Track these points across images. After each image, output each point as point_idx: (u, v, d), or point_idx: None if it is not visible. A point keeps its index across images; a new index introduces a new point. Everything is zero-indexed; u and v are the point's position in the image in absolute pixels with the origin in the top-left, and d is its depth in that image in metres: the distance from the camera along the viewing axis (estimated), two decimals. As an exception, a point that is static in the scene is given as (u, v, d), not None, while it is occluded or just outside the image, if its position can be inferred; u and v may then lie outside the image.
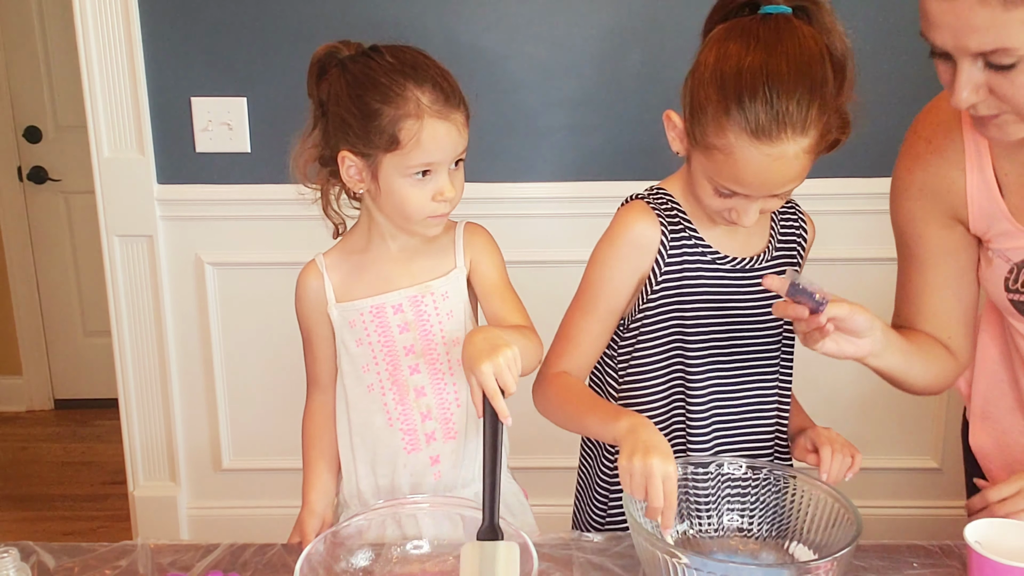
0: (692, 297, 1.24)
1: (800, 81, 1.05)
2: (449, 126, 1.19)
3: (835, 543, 1.08)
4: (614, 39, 2.19)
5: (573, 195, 2.24)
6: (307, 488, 1.35)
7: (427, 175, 1.21)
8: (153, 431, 2.46)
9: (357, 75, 1.20)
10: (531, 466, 2.33)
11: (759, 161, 1.07)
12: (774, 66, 1.05)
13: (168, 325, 2.39)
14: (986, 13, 0.92)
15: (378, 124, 1.18)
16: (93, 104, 2.23)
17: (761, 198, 1.13)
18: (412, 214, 1.23)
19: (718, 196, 1.14)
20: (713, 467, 1.20)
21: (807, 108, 1.05)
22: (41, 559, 1.18)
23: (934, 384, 1.26)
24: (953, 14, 0.95)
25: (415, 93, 1.18)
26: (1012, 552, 1.00)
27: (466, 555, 1.04)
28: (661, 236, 1.22)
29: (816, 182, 2.12)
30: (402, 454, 1.32)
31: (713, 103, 1.08)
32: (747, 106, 1.05)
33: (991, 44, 0.95)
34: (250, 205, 2.30)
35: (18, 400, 3.68)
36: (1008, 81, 0.97)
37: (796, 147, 1.06)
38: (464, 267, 1.32)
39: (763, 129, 1.05)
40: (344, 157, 1.22)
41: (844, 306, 1.06)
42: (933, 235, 1.22)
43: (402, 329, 1.30)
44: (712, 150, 1.10)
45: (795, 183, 1.11)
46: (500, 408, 1.08)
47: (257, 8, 2.19)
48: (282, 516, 1.40)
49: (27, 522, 2.87)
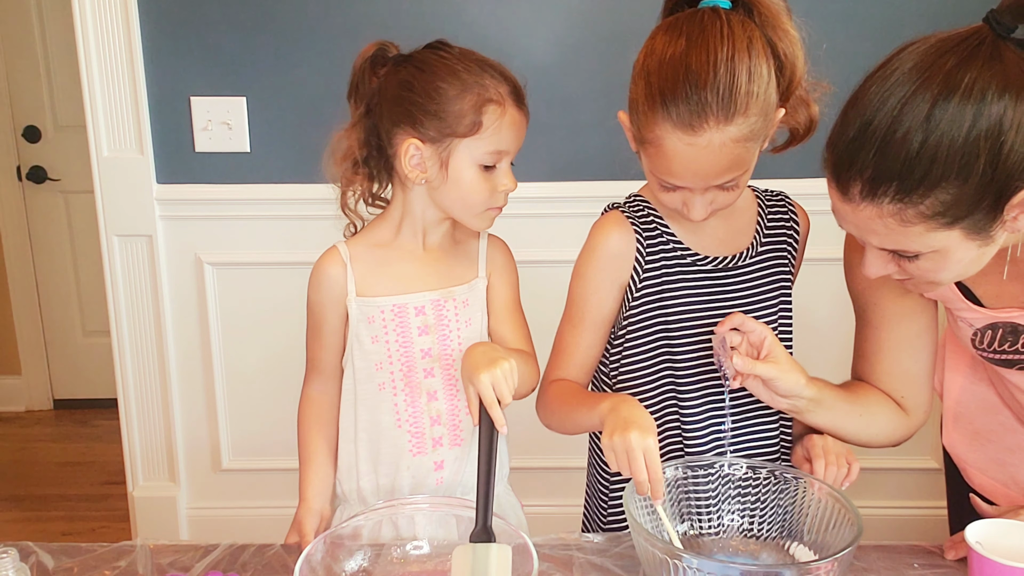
0: (674, 300, 1.26)
1: (721, 71, 1.05)
2: (524, 118, 1.25)
3: (835, 544, 1.08)
4: (614, 39, 2.18)
5: (572, 195, 2.24)
6: (305, 484, 1.33)
7: (493, 168, 1.24)
8: (153, 431, 2.46)
9: (430, 63, 1.22)
10: (532, 466, 2.34)
11: (685, 152, 1.08)
12: (694, 57, 1.06)
13: (168, 325, 2.38)
14: (883, 224, 0.97)
15: (459, 108, 1.20)
16: (92, 104, 2.23)
17: (705, 191, 1.13)
18: (474, 204, 1.25)
19: (664, 190, 1.16)
20: (714, 467, 1.20)
21: (729, 99, 1.05)
22: (40, 559, 1.18)
23: (876, 441, 1.26)
24: (853, 216, 1.00)
25: (493, 82, 1.22)
26: (1012, 552, 1.00)
27: (458, 557, 1.04)
28: (637, 244, 1.24)
29: (813, 182, 2.13)
30: (407, 456, 1.32)
31: (642, 98, 1.11)
32: (668, 98, 1.07)
33: (892, 246, 1.00)
34: (250, 205, 2.30)
35: (17, 400, 3.68)
36: (914, 265, 1.02)
37: (722, 136, 1.07)
38: (485, 278, 1.34)
39: (684, 120, 1.07)
40: (408, 145, 1.22)
41: (773, 369, 1.13)
42: (888, 303, 1.23)
43: (421, 332, 1.30)
44: (647, 144, 1.12)
45: (733, 173, 1.11)
46: (497, 417, 1.12)
47: (257, 8, 2.19)
48: (281, 516, 1.39)
49: (26, 522, 2.87)
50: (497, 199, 1.26)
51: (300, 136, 2.26)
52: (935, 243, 0.97)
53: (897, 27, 2.13)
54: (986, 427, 1.32)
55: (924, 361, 1.25)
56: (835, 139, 0.99)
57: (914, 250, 0.99)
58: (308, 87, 2.24)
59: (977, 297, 1.15)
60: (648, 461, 1.06)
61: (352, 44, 2.22)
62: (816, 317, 2.00)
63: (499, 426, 1.11)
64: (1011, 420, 1.29)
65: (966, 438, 1.35)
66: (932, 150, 0.91)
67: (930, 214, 0.94)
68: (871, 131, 0.94)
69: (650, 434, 1.07)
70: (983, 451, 1.33)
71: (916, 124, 0.91)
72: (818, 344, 1.72)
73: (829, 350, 1.59)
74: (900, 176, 0.93)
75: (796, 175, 2.04)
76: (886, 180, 0.94)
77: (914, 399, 1.26)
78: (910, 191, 0.93)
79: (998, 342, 1.16)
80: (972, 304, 1.15)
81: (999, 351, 1.17)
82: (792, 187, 1.39)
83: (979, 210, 0.94)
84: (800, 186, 1.17)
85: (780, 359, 1.14)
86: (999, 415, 1.30)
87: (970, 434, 1.34)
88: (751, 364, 1.12)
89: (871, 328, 1.25)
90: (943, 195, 0.93)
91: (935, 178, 0.92)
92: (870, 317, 1.25)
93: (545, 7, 2.19)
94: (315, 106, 2.24)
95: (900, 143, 0.92)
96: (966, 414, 1.34)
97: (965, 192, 0.92)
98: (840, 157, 0.98)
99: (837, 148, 0.99)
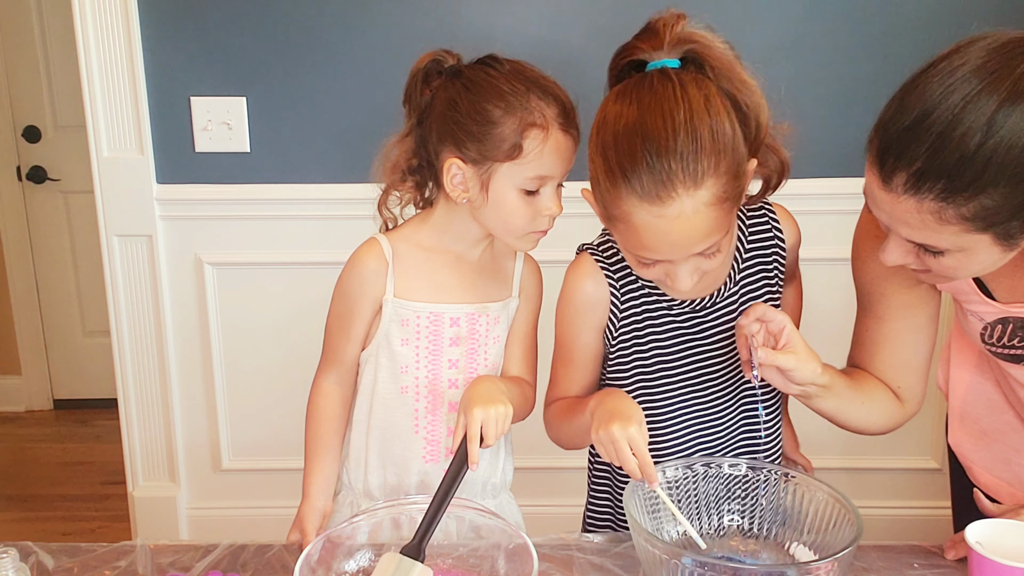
0: (650, 342, 1.25)
1: (681, 136, 1.00)
2: (571, 142, 1.20)
3: (835, 543, 1.08)
4: (613, 39, 2.18)
5: (572, 195, 2.23)
6: (309, 481, 1.32)
7: (537, 191, 1.20)
8: (153, 431, 2.46)
9: (478, 82, 1.19)
10: (532, 466, 2.33)
11: (657, 225, 1.02)
12: (650, 124, 1.01)
13: (168, 325, 2.38)
14: (919, 219, 0.96)
15: (500, 132, 1.17)
16: (92, 104, 2.23)
17: (687, 259, 1.07)
18: (516, 228, 1.23)
19: (642, 266, 1.11)
20: (713, 467, 1.20)
21: (694, 162, 0.99)
22: (40, 559, 1.18)
23: (872, 428, 1.27)
24: (890, 205, 0.98)
25: (540, 105, 1.17)
26: (1012, 552, 1.00)
27: (383, 563, 1.04)
28: (610, 292, 1.23)
29: (809, 182, 2.13)
30: (419, 461, 1.32)
31: (602, 175, 1.05)
32: (629, 171, 1.01)
33: (920, 240, 0.99)
34: (250, 205, 2.30)
35: (17, 400, 3.67)
36: (936, 261, 1.01)
37: (694, 202, 1.01)
38: (518, 299, 1.34)
39: (649, 193, 1.00)
40: (451, 164, 1.20)
41: (792, 360, 1.11)
42: (895, 294, 1.22)
43: (453, 342, 1.29)
44: (616, 221, 1.06)
45: (713, 238, 1.05)
46: (472, 452, 1.12)
47: (257, 8, 2.19)
48: (282, 516, 1.39)
49: (26, 522, 2.87)
50: (540, 223, 1.23)
51: (300, 136, 2.26)
52: (964, 243, 0.97)
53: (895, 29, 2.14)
54: (992, 426, 1.32)
55: (923, 353, 1.25)
56: (887, 123, 0.96)
57: (942, 247, 0.98)
58: (308, 87, 2.23)
59: (990, 291, 1.15)
60: (634, 448, 1.08)
61: (352, 44, 2.23)
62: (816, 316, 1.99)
63: (471, 462, 1.11)
64: (1016, 420, 1.29)
65: (972, 437, 1.35)
66: (988, 153, 0.90)
67: (970, 217, 0.93)
68: (928, 124, 0.91)
69: (632, 423, 1.08)
70: (989, 450, 1.33)
71: (977, 125, 0.89)
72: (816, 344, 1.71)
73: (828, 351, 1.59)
74: (950, 175, 0.91)
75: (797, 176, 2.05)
76: (934, 177, 0.92)
77: (911, 390, 1.26)
78: (956, 192, 0.92)
79: (1008, 337, 1.15)
80: (985, 297, 1.15)
81: (1008, 346, 1.16)
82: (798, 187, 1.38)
83: (1017, 218, 0.94)
84: (795, 187, 1.17)
85: (798, 348, 1.12)
86: (1005, 414, 1.30)
87: (976, 433, 1.34)
88: (772, 355, 1.10)
89: (874, 319, 1.25)
90: (987, 200, 0.92)
91: (985, 182, 0.91)
92: (875, 308, 1.24)
93: (546, 7, 2.19)
94: (315, 106, 2.24)
95: (957, 142, 0.90)
96: (972, 413, 1.34)
97: (1010, 200, 0.92)
98: (890, 143, 0.95)
99: (888, 133, 0.95)
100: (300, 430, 1.37)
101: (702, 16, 1.43)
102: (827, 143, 2.10)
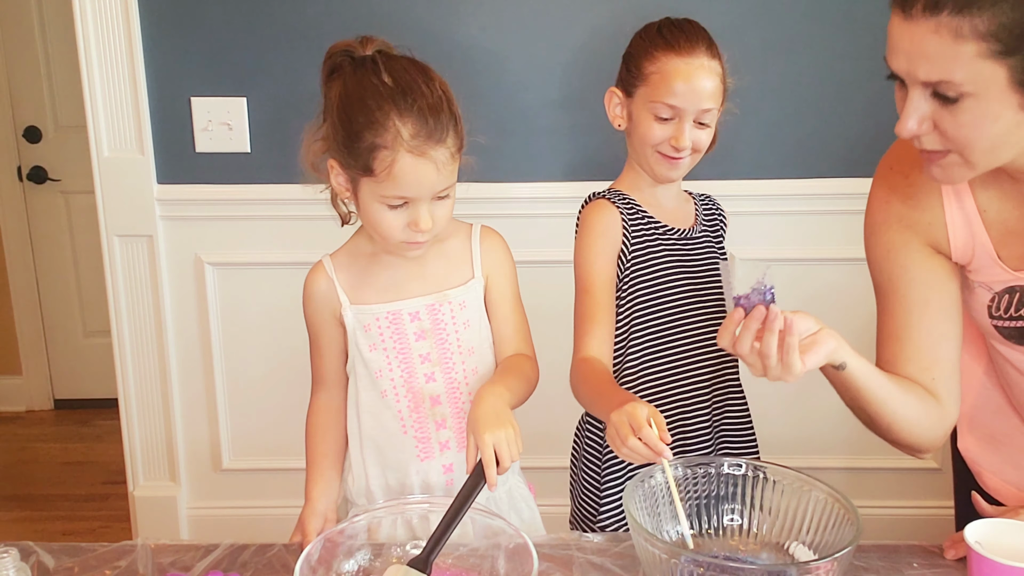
0: (651, 265, 1.43)
1: (698, 26, 1.40)
2: (426, 164, 1.14)
3: (835, 543, 1.08)
4: (613, 39, 2.18)
5: (573, 195, 2.23)
6: (310, 486, 1.33)
7: (404, 204, 1.18)
8: (153, 431, 2.46)
9: (351, 91, 1.17)
10: (532, 466, 2.33)
11: (684, 69, 1.35)
12: (668, 20, 1.42)
13: (168, 325, 2.39)
14: (937, 42, 0.96)
15: (358, 147, 1.15)
16: (93, 104, 2.23)
17: (691, 116, 1.36)
18: (387, 238, 1.21)
19: (658, 122, 1.38)
20: (713, 467, 1.20)
21: (711, 42, 1.38)
22: (41, 559, 1.18)
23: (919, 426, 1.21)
24: (909, 38, 0.99)
25: (396, 123, 1.13)
26: (1012, 552, 1.00)
27: (390, 574, 1.05)
28: (622, 220, 1.42)
29: (809, 182, 2.13)
30: (415, 461, 1.32)
31: (644, 44, 1.40)
32: (665, 30, 1.39)
33: (937, 75, 0.99)
34: (250, 205, 2.30)
35: (18, 400, 3.68)
36: (952, 117, 1.01)
37: (710, 64, 1.36)
38: (482, 278, 1.32)
39: (681, 45, 1.36)
40: (332, 164, 1.22)
41: (810, 320, 1.08)
42: (915, 265, 1.20)
43: (418, 337, 1.29)
44: (649, 75, 1.38)
45: (713, 102, 1.37)
46: (491, 477, 1.10)
47: (257, 8, 2.19)
48: (282, 516, 1.40)
49: (27, 522, 2.87)
50: (412, 235, 1.19)
51: (300, 136, 2.25)
52: (981, 76, 0.96)
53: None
54: (1001, 430, 1.32)
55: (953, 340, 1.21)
56: None
57: (959, 81, 0.97)
58: (308, 87, 2.21)
59: (1001, 260, 1.15)
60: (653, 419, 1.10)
61: (352, 44, 2.23)
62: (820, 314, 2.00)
63: (490, 485, 1.10)
64: (1022, 425, 1.29)
65: (982, 442, 1.35)
66: None
67: (985, 31, 0.94)
68: None
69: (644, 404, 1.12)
70: (999, 454, 1.33)
71: None
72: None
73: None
74: None
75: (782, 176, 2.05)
76: None
77: (944, 383, 1.21)
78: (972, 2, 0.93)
79: (1015, 307, 1.15)
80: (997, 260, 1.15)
81: (1015, 317, 1.16)
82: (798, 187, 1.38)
83: None
84: (785, 186, 1.17)
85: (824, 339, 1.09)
86: (1013, 418, 1.30)
87: (986, 438, 1.34)
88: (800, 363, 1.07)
89: (898, 299, 1.21)
90: (1002, 16, 0.93)
91: None
92: (898, 286, 1.21)
93: (546, 7, 2.19)
94: (315, 106, 2.24)
95: None
96: (981, 418, 1.34)
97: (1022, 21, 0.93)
98: None
99: None
100: (300, 429, 1.38)
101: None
102: (827, 143, 2.11)
